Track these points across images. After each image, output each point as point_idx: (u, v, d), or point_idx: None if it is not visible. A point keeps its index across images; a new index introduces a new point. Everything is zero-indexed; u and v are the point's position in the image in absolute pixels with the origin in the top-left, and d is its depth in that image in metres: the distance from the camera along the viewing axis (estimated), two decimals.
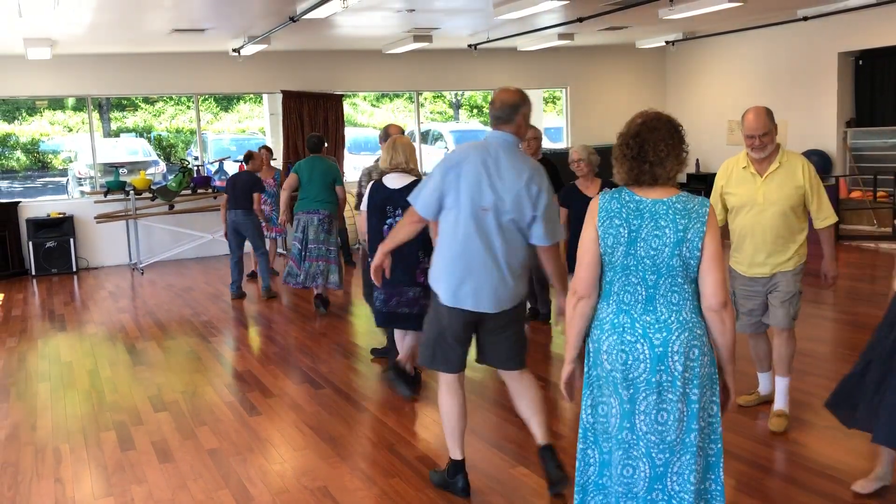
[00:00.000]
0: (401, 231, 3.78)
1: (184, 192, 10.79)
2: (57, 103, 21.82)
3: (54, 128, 22.60)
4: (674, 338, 2.64)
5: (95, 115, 12.99)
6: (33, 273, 10.69)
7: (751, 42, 12.42)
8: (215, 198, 11.10)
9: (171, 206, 10.84)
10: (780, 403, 4.51)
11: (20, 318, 8.29)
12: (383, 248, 3.81)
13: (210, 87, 12.14)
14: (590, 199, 5.05)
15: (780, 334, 4.45)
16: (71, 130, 22.36)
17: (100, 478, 4.25)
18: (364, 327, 7.33)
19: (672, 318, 2.66)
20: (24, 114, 22.34)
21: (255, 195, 8.53)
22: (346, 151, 13.04)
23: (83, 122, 20.26)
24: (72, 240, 10.87)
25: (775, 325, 4.43)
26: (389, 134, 5.67)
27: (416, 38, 10.47)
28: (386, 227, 4.97)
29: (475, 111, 25.40)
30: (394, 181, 4.94)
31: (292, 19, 8.31)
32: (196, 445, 4.62)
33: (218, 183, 10.90)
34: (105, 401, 5.52)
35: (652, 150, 2.67)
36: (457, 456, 3.80)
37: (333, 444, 4.55)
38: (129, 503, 3.93)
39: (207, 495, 3.96)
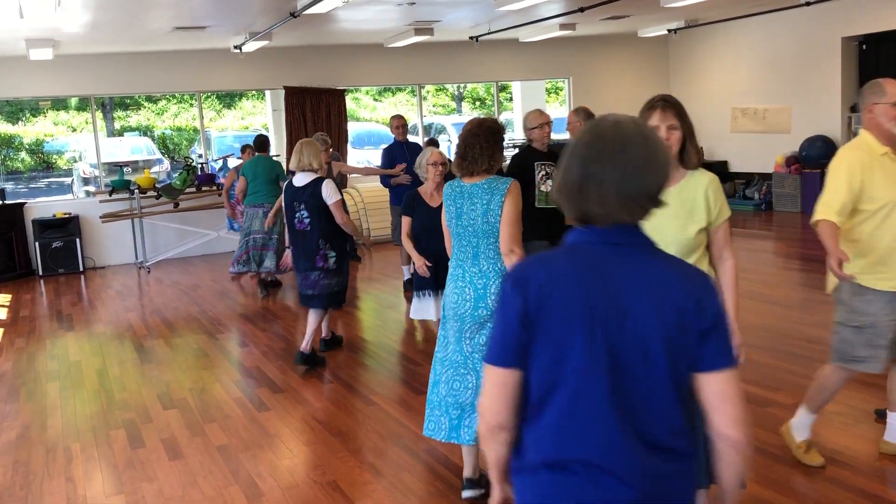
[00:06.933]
0: None
1: (188, 189, 10.81)
2: (60, 103, 21.85)
3: (58, 128, 22.64)
4: (491, 283, 3.48)
5: (99, 114, 12.98)
6: (40, 273, 10.73)
7: (753, 28, 12.37)
8: (219, 195, 11.11)
9: (176, 204, 10.86)
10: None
11: (28, 318, 8.32)
12: None
13: (212, 84, 12.15)
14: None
15: None
16: (75, 130, 22.40)
17: (110, 476, 4.27)
18: (370, 321, 7.34)
19: (490, 268, 3.50)
20: (27, 115, 22.39)
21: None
22: (349, 146, 13.03)
23: (87, 122, 20.29)
24: (78, 240, 10.89)
25: None
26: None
27: (418, 32, 10.45)
28: (296, 220, 5.71)
29: (478, 103, 25.35)
30: (299, 180, 5.71)
31: (293, 15, 8.30)
32: (205, 442, 4.64)
33: (222, 180, 10.90)
34: (114, 399, 5.54)
35: (470, 152, 3.50)
36: None
37: (342, 439, 4.57)
38: (139, 501, 3.95)
39: (217, 491, 3.98)
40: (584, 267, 1.62)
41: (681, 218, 2.81)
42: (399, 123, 8.70)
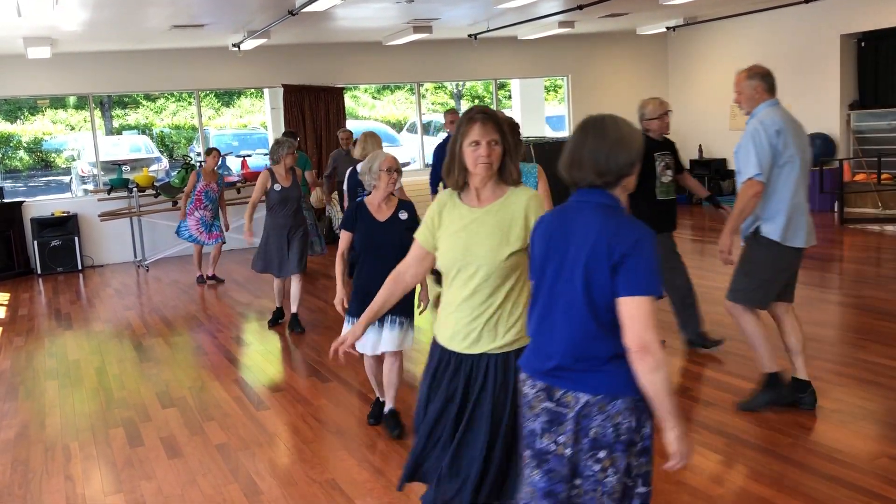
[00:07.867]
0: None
1: None
2: (58, 102, 21.83)
3: (56, 126, 22.61)
4: None
5: (97, 112, 12.98)
6: (39, 272, 10.72)
7: (752, 26, 12.37)
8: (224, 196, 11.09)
9: (175, 203, 10.84)
10: None
11: (27, 317, 8.31)
12: None
13: (210, 82, 12.13)
14: None
15: None
16: (73, 129, 22.37)
17: (109, 474, 4.27)
18: None
19: None
20: (26, 113, 22.36)
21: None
22: None
23: (85, 121, 20.27)
24: (76, 238, 10.88)
25: None
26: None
27: (416, 29, 10.44)
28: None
29: (476, 101, 25.33)
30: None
31: (291, 13, 8.29)
32: (204, 440, 4.64)
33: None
34: (113, 398, 5.54)
35: None
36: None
37: (341, 437, 4.57)
38: (138, 499, 3.95)
39: (216, 490, 3.98)
40: (559, 217, 2.35)
41: (496, 238, 2.64)
42: (453, 118, 8.49)
